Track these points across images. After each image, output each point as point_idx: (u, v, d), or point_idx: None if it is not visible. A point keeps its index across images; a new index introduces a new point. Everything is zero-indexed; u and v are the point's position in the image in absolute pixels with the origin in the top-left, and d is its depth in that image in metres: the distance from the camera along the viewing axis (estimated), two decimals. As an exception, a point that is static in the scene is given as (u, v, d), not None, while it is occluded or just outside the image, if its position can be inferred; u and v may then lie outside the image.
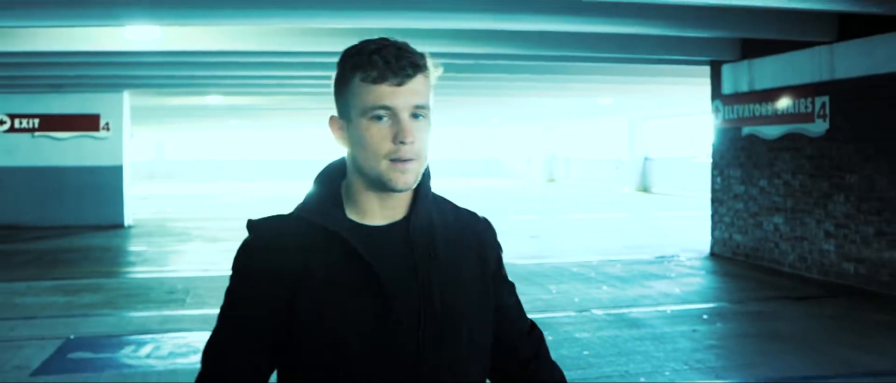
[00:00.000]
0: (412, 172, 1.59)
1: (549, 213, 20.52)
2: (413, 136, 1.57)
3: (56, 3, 7.80)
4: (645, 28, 9.54)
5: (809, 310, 8.43)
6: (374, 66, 1.55)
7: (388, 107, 1.56)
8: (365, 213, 1.65)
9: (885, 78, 9.02)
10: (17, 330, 7.51)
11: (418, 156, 1.59)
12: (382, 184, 1.59)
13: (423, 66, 1.60)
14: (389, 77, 1.55)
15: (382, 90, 1.56)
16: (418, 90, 1.58)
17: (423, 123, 1.60)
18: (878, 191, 9.21)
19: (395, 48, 1.58)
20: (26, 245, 14.10)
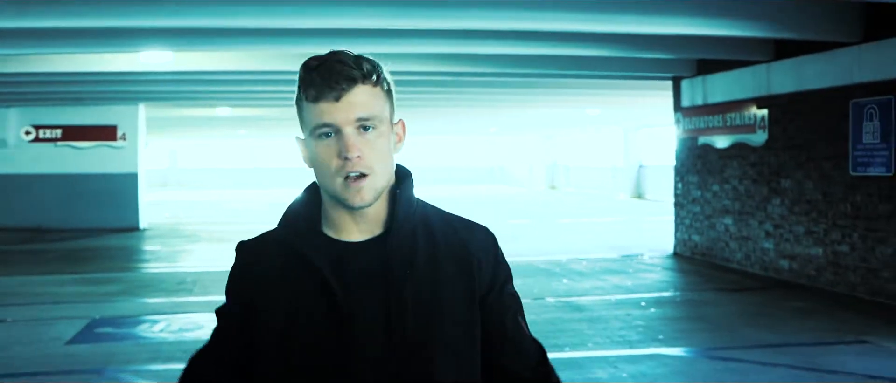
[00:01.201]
0: (368, 188, 1.54)
1: (543, 218, 21.70)
2: (358, 150, 1.53)
3: (80, 33, 9.07)
4: (618, 51, 10.70)
5: (739, 300, 9.63)
6: (312, 84, 1.53)
7: (329, 124, 1.53)
8: (341, 230, 1.62)
9: (810, 93, 10.22)
10: (50, 312, 8.79)
11: (370, 169, 1.54)
12: (342, 202, 1.56)
13: (361, 78, 1.54)
14: (325, 93, 1.52)
15: (322, 107, 1.52)
16: (360, 102, 1.53)
17: (372, 135, 1.55)
18: (807, 194, 10.38)
19: (334, 62, 1.54)
20: (52, 244, 15.42)
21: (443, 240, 1.63)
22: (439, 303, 1.59)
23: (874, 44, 9.07)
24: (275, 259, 1.61)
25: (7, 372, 6.40)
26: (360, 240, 1.61)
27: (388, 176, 1.60)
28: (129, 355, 6.96)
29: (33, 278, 11.27)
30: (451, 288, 1.60)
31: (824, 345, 7.22)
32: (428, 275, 1.59)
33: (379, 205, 1.60)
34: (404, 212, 1.61)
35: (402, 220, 1.60)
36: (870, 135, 9.19)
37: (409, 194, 1.64)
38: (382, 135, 1.57)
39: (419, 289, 1.57)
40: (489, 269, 1.66)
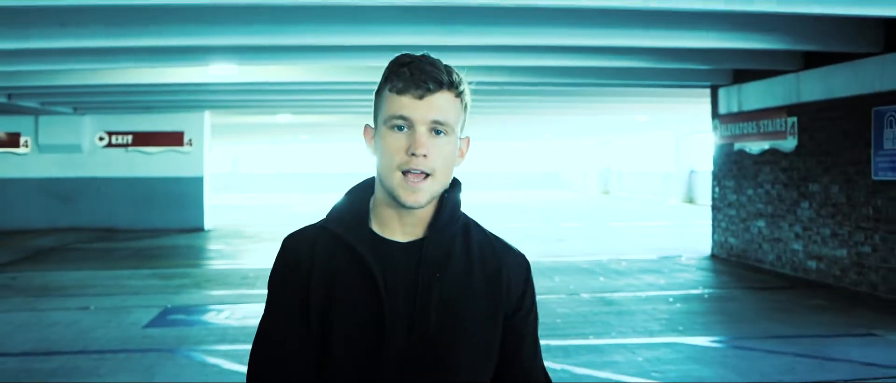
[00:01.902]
0: (424, 191, 1.61)
1: (593, 222, 22.26)
2: (427, 150, 1.59)
3: (155, 50, 10.01)
4: (660, 63, 11.34)
5: (763, 298, 10.16)
6: (400, 77, 1.60)
7: (406, 117, 1.59)
8: (386, 228, 1.68)
9: (836, 102, 10.71)
10: (127, 301, 9.74)
11: (433, 171, 1.61)
12: (395, 198, 1.62)
13: (447, 84, 1.61)
14: (411, 89, 1.59)
15: (403, 101, 1.59)
16: (439, 105, 1.60)
17: (442, 140, 1.61)
18: (833, 198, 10.86)
19: (425, 63, 1.61)
20: (124, 243, 16.52)
21: (478, 253, 1.69)
22: (464, 311, 1.64)
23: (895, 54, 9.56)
24: (321, 249, 1.68)
25: (95, 349, 7.31)
26: (403, 241, 1.66)
27: (445, 184, 1.65)
28: (199, 337, 7.83)
29: (110, 272, 12.29)
30: (477, 299, 1.66)
31: (833, 337, 7.77)
32: (457, 283, 1.65)
33: (428, 208, 1.66)
34: (446, 218, 1.67)
35: (443, 226, 1.66)
36: (890, 141, 9.66)
37: (455, 202, 1.70)
38: (451, 144, 1.63)
39: (446, 295, 1.63)
40: (518, 291, 1.71)
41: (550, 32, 8.95)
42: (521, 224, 20.32)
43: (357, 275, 1.64)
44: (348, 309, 1.64)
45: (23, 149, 19.55)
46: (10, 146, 19.56)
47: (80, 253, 15.17)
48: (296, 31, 8.44)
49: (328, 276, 1.66)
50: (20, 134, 19.50)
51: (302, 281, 1.67)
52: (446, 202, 1.68)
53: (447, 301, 1.64)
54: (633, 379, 6.23)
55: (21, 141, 19.52)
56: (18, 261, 13.89)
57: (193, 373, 6.53)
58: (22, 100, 15.75)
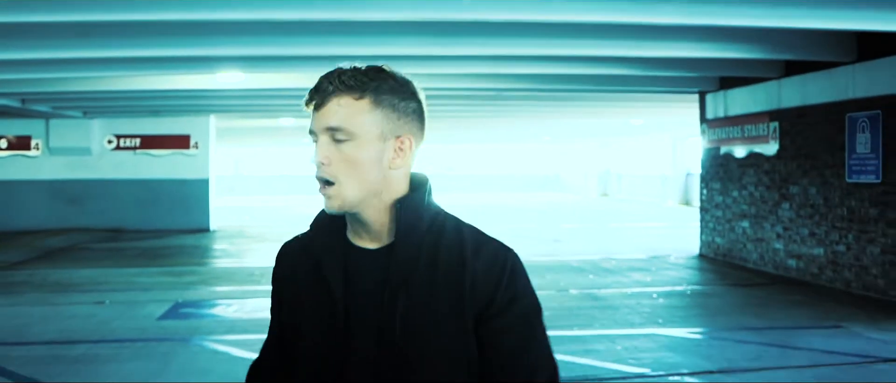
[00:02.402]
0: (335, 197, 1.62)
1: (590, 223, 22.79)
2: (324, 158, 1.60)
3: (166, 60, 10.56)
4: (651, 70, 11.92)
5: (742, 294, 10.71)
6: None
7: (311, 130, 1.65)
8: (355, 236, 1.70)
9: (813, 107, 11.27)
10: (140, 296, 10.29)
11: (335, 178, 1.61)
12: None
13: (342, 89, 1.60)
14: (310, 101, 1.64)
15: (311, 114, 1.65)
16: (333, 112, 1.60)
17: (347, 146, 1.60)
18: (811, 199, 11.40)
19: (331, 74, 1.63)
20: (133, 243, 17.09)
21: (446, 255, 1.65)
22: (430, 318, 1.62)
23: (866, 63, 10.11)
24: (298, 258, 1.74)
25: (113, 339, 7.87)
26: (372, 248, 1.67)
27: (365, 188, 1.63)
28: (210, 328, 8.39)
29: (121, 270, 12.85)
30: (442, 303, 1.62)
31: (801, 329, 8.32)
32: (423, 289, 1.62)
33: (382, 216, 1.66)
34: (407, 224, 1.64)
35: (405, 232, 1.64)
36: (862, 145, 10.21)
37: (414, 205, 1.66)
38: (359, 148, 1.60)
39: (413, 301, 1.61)
40: (489, 286, 1.63)
41: (548, 43, 9.47)
42: (519, 225, 20.85)
43: (321, 285, 1.67)
44: (309, 318, 1.68)
45: (34, 151, 20.12)
46: (21, 149, 20.13)
47: (91, 252, 15.72)
48: (299, 43, 8.99)
49: (296, 285, 1.72)
50: (31, 137, 20.07)
51: (278, 286, 1.79)
52: (401, 209, 1.64)
53: (413, 307, 1.62)
54: (611, 365, 6.77)
55: (32, 143, 20.09)
56: (32, 260, 14.45)
57: (206, 359, 7.08)
58: (34, 105, 16.32)
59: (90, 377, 6.48)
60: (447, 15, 7.39)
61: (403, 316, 1.62)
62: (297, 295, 1.72)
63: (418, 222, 1.66)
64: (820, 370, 6.71)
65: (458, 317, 1.64)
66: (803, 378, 6.47)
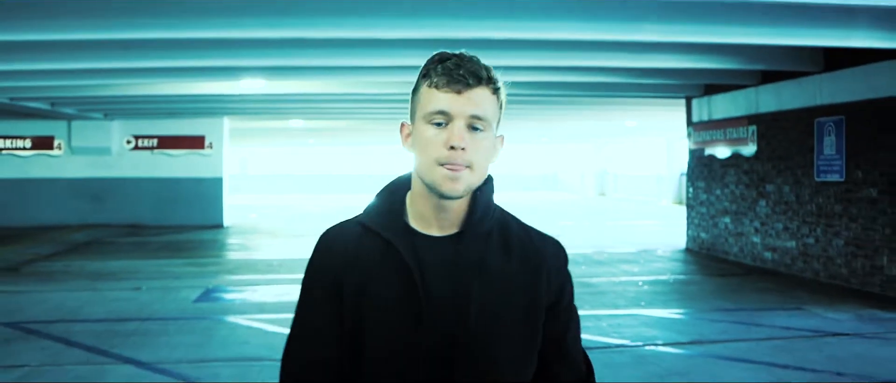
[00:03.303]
0: (462, 181, 1.63)
1: (586, 221, 23.85)
2: (465, 144, 1.62)
3: (194, 70, 11.61)
4: (642, 79, 13.00)
5: (720, 282, 11.76)
6: (439, 73, 1.64)
7: (445, 112, 1.63)
8: (422, 223, 1.71)
9: (787, 113, 12.31)
10: (172, 284, 11.34)
11: (471, 164, 1.63)
12: (434, 189, 1.64)
13: (484, 80, 1.65)
14: (449, 84, 1.63)
15: (441, 96, 1.63)
16: (477, 101, 1.63)
17: (480, 135, 1.64)
18: (785, 197, 12.45)
19: (464, 59, 1.66)
20: (153, 238, 18.14)
21: (518, 245, 1.71)
22: (505, 304, 1.66)
23: (832, 73, 11.15)
24: (351, 238, 1.72)
25: (158, 317, 8.92)
26: (439, 235, 1.69)
27: (482, 177, 1.68)
28: (242, 309, 9.43)
29: (149, 261, 13.90)
30: (518, 291, 1.67)
31: (767, 310, 9.37)
32: (498, 276, 1.66)
33: (462, 203, 1.68)
34: (481, 212, 1.69)
35: (478, 220, 1.68)
36: (828, 147, 11.26)
37: (489, 197, 1.72)
38: (488, 139, 1.66)
39: (487, 288, 1.65)
40: (558, 281, 1.73)
41: (546, 56, 10.52)
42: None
43: (392, 269, 1.67)
44: (382, 302, 1.66)
45: (56, 151, 21.17)
46: (44, 148, 21.17)
47: (116, 246, 16.76)
48: (320, 55, 10.03)
49: (362, 271, 1.68)
50: (54, 137, 21.11)
51: (335, 273, 1.71)
52: (479, 197, 1.69)
53: (486, 298, 1.65)
54: (595, 338, 7.80)
55: (54, 143, 21.14)
56: (63, 253, 15.48)
57: (242, 334, 8.13)
58: (62, 108, 17.39)
59: (146, 348, 7.52)
60: (453, 33, 8.41)
61: (477, 308, 1.64)
62: (364, 281, 1.69)
63: (489, 211, 1.72)
64: (775, 342, 7.76)
65: (533, 306, 1.69)
66: (760, 347, 7.52)
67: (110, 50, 9.89)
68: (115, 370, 6.78)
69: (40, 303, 9.91)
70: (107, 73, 11.79)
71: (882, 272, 10.15)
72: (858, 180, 10.64)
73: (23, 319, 8.88)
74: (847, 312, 9.11)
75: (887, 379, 6.39)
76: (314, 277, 1.77)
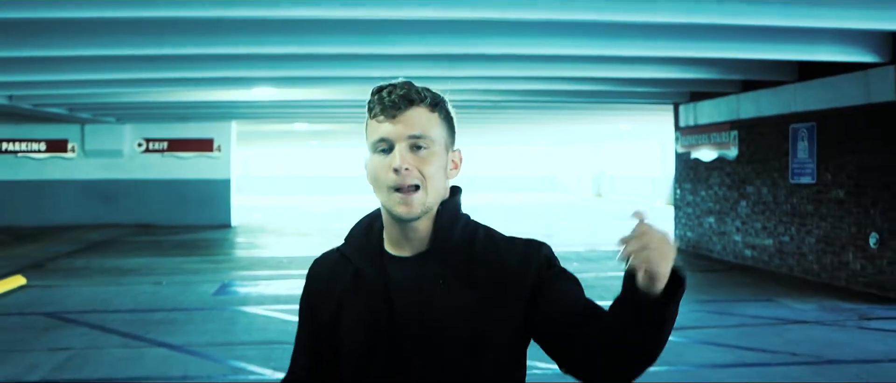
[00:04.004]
0: (415, 202, 1.68)
1: (583, 221, 24.69)
2: (408, 164, 1.66)
3: (212, 80, 12.44)
4: (633, 87, 13.87)
5: (700, 277, 12.59)
6: (376, 103, 1.70)
7: (385, 138, 1.68)
8: (395, 246, 1.77)
9: (765, 119, 13.15)
10: (191, 279, 12.18)
11: (421, 182, 1.68)
12: (392, 214, 1.71)
13: (418, 100, 1.69)
14: (384, 111, 1.68)
15: (380, 124, 1.69)
16: (413, 122, 1.68)
17: (424, 153, 1.68)
18: (763, 198, 13.29)
19: (397, 86, 1.71)
20: (165, 237, 18.97)
21: (480, 252, 1.74)
22: (471, 310, 1.69)
23: (805, 83, 11.99)
24: (334, 271, 1.82)
25: (183, 308, 9.76)
26: (408, 256, 1.76)
27: (438, 194, 1.72)
28: (259, 301, 10.27)
29: (165, 259, 14.74)
30: (483, 294, 1.71)
31: (740, 302, 10.21)
32: (461, 284, 1.71)
33: (427, 222, 1.73)
34: (446, 225, 1.74)
35: (444, 235, 1.74)
36: (802, 151, 12.10)
37: (452, 209, 1.76)
38: (435, 155, 1.70)
39: (452, 297, 1.70)
40: (533, 269, 1.72)
41: (541, 67, 11.36)
42: (517, 223, 22.71)
43: (363, 293, 1.75)
44: (353, 325, 1.74)
45: (70, 154, 22.02)
46: (58, 151, 22.02)
47: (130, 244, 17.59)
48: (324, 67, 10.86)
49: (336, 296, 1.78)
50: (67, 140, 21.95)
51: (315, 299, 1.84)
52: (442, 211, 1.74)
53: (451, 302, 1.69)
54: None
55: (68, 146, 21.98)
56: (81, 251, 16.31)
57: (262, 321, 8.96)
58: (79, 113, 18.23)
59: (176, 334, 8.36)
60: (455, 50, 9.25)
61: (441, 311, 1.69)
62: (336, 306, 1.78)
63: (455, 224, 1.76)
64: (743, 328, 8.61)
65: (500, 306, 1.71)
66: (728, 333, 8.36)
67: (136, 63, 10.72)
68: (151, 352, 7.61)
69: (71, 296, 10.73)
70: (128, 83, 12.63)
71: (848, 267, 11.00)
72: (828, 182, 11.49)
73: (59, 310, 9.71)
74: (813, 304, 9.94)
75: (834, 358, 7.22)
76: (302, 302, 1.91)
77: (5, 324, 8.86)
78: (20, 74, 11.08)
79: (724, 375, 6.83)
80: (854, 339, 8.05)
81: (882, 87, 10.23)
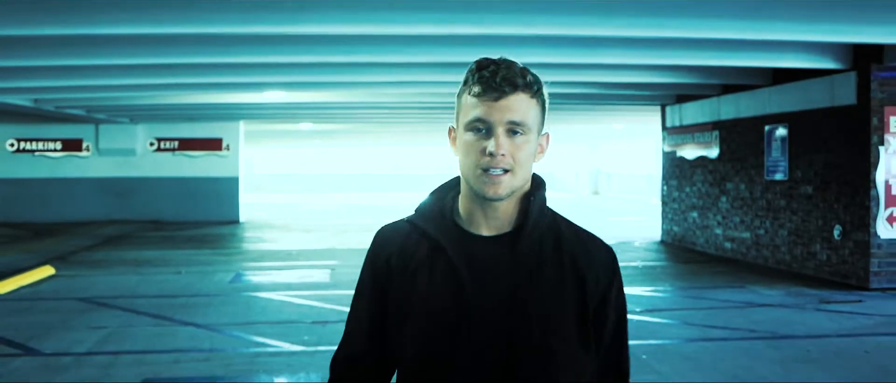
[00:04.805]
0: (504, 184, 1.68)
1: (580, 217, 25.37)
2: (504, 150, 1.67)
3: (227, 85, 13.35)
4: (623, 91, 14.79)
5: (682, 267, 13.51)
6: (478, 82, 1.69)
7: (484, 120, 1.68)
8: (471, 223, 1.76)
9: (743, 120, 14.06)
10: (206, 269, 13.09)
11: (511, 167, 1.68)
12: (477, 192, 1.70)
13: (522, 86, 1.69)
14: (488, 93, 1.68)
15: (481, 104, 1.68)
16: (514, 107, 1.68)
17: (520, 139, 1.69)
18: (741, 194, 14.19)
19: (501, 67, 1.70)
20: (177, 232, 19.89)
21: (568, 249, 1.75)
22: (558, 304, 1.71)
23: (778, 87, 12.89)
24: (400, 237, 1.80)
25: (203, 294, 10.68)
26: (488, 235, 1.74)
27: (525, 179, 1.73)
28: (272, 287, 11.17)
29: (180, 251, 15.65)
30: (570, 292, 1.72)
31: (714, 288, 11.13)
32: (551, 277, 1.71)
33: (510, 204, 1.74)
34: (536, 216, 1.74)
35: (534, 223, 1.73)
36: (775, 150, 13.00)
37: (541, 201, 1.77)
38: (528, 142, 1.70)
39: (540, 289, 1.70)
40: (605, 282, 1.76)
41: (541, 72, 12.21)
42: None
43: (439, 268, 1.73)
44: (428, 300, 1.72)
45: (85, 152, 22.94)
46: (73, 150, 22.94)
47: (145, 239, 18.51)
48: (331, 73, 11.76)
49: (409, 268, 1.75)
50: (82, 139, 22.88)
51: (384, 268, 1.80)
52: (534, 201, 1.75)
53: (541, 298, 1.70)
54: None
55: (83, 145, 22.91)
56: (99, 245, 17.22)
57: (277, 305, 9.87)
58: (95, 113, 19.15)
59: (199, 315, 9.26)
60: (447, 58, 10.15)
61: (534, 300, 1.69)
62: (410, 278, 1.75)
63: (542, 217, 1.76)
64: (712, 310, 9.53)
65: (583, 305, 1.73)
66: (699, 314, 9.28)
67: (154, 71, 11.61)
68: (180, 330, 8.52)
69: (98, 284, 11.65)
70: (145, 88, 13.54)
71: (815, 257, 11.91)
72: (798, 179, 12.39)
73: (90, 295, 10.62)
74: (780, 290, 10.85)
75: (788, 334, 8.14)
76: (366, 272, 1.85)
77: (45, 308, 9.78)
78: (45, 80, 11.98)
79: (690, 347, 7.74)
80: (809, 319, 8.96)
81: (845, 92, 11.14)
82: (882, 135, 10.70)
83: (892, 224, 10.73)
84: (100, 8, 7.85)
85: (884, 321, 8.81)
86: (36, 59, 10.05)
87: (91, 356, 7.43)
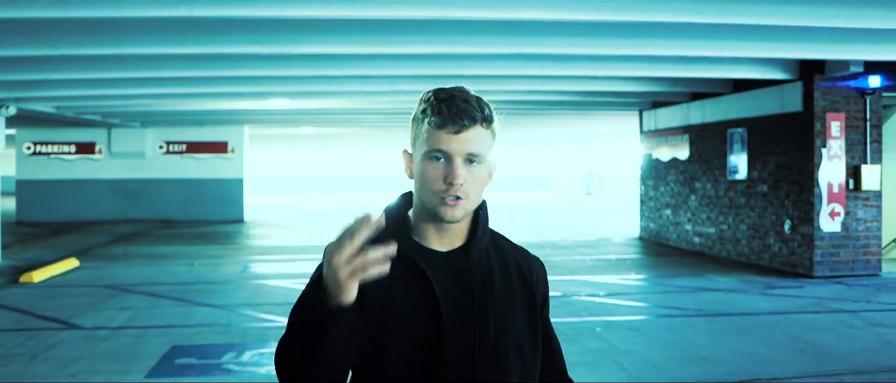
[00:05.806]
0: (460, 208, 1.79)
1: (567, 216, 26.84)
2: (462, 179, 1.77)
3: (229, 94, 14.57)
4: (604, 98, 15.96)
5: (652, 260, 14.74)
6: (438, 113, 1.77)
7: (444, 151, 1.77)
8: (424, 239, 1.86)
9: (710, 125, 15.32)
10: (217, 261, 14.33)
11: (466, 196, 1.79)
12: (434, 215, 1.81)
13: (480, 119, 1.79)
14: (448, 125, 1.76)
15: (441, 136, 1.77)
16: (473, 139, 1.78)
17: (475, 168, 1.80)
18: (708, 192, 15.44)
19: (460, 100, 1.78)
20: (187, 230, 21.13)
21: (512, 258, 1.92)
22: (512, 311, 1.85)
23: (738, 95, 14.15)
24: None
25: (216, 282, 11.92)
26: (441, 250, 1.85)
27: (477, 201, 1.85)
28: (279, 276, 12.42)
29: (191, 247, 16.89)
30: (520, 299, 1.87)
31: (676, 276, 12.37)
32: (502, 285, 1.86)
33: (463, 224, 1.86)
34: (481, 231, 1.88)
35: (480, 237, 1.87)
36: (737, 152, 14.25)
37: (486, 218, 1.91)
38: (482, 170, 1.82)
39: (495, 297, 1.83)
40: (542, 290, 1.95)
41: (515, 82, 13.51)
42: (505, 219, 24.83)
43: (416, 283, 1.80)
44: (407, 313, 1.79)
45: (97, 155, 24.19)
46: (86, 152, 24.19)
47: (156, 236, 19.75)
48: (333, 83, 13.00)
49: (391, 281, 1.68)
50: (95, 143, 24.12)
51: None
52: (480, 218, 1.89)
53: (498, 304, 1.83)
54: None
55: (96, 148, 24.15)
56: (114, 241, 18.45)
57: (284, 291, 11.10)
58: (110, 119, 20.40)
59: (215, 298, 10.50)
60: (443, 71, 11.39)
61: (492, 308, 1.82)
62: (386, 292, 1.76)
63: (486, 231, 1.92)
64: (667, 294, 10.78)
65: (531, 311, 1.90)
66: (654, 296, 10.53)
67: (173, 82, 12.84)
68: (198, 309, 9.77)
69: (120, 275, 12.89)
70: (162, 96, 14.77)
71: (770, 250, 13.15)
72: (755, 178, 13.64)
73: (114, 283, 11.86)
74: (734, 278, 12.10)
75: (728, 312, 9.39)
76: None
77: (77, 293, 11.02)
78: (69, 90, 13.22)
79: (639, 322, 8.98)
80: (751, 301, 10.21)
81: (792, 100, 12.38)
82: (824, 138, 11.95)
83: (833, 218, 11.98)
84: (127, 29, 9.08)
85: (813, 302, 10.06)
86: (64, 73, 11.27)
87: (124, 329, 8.67)
